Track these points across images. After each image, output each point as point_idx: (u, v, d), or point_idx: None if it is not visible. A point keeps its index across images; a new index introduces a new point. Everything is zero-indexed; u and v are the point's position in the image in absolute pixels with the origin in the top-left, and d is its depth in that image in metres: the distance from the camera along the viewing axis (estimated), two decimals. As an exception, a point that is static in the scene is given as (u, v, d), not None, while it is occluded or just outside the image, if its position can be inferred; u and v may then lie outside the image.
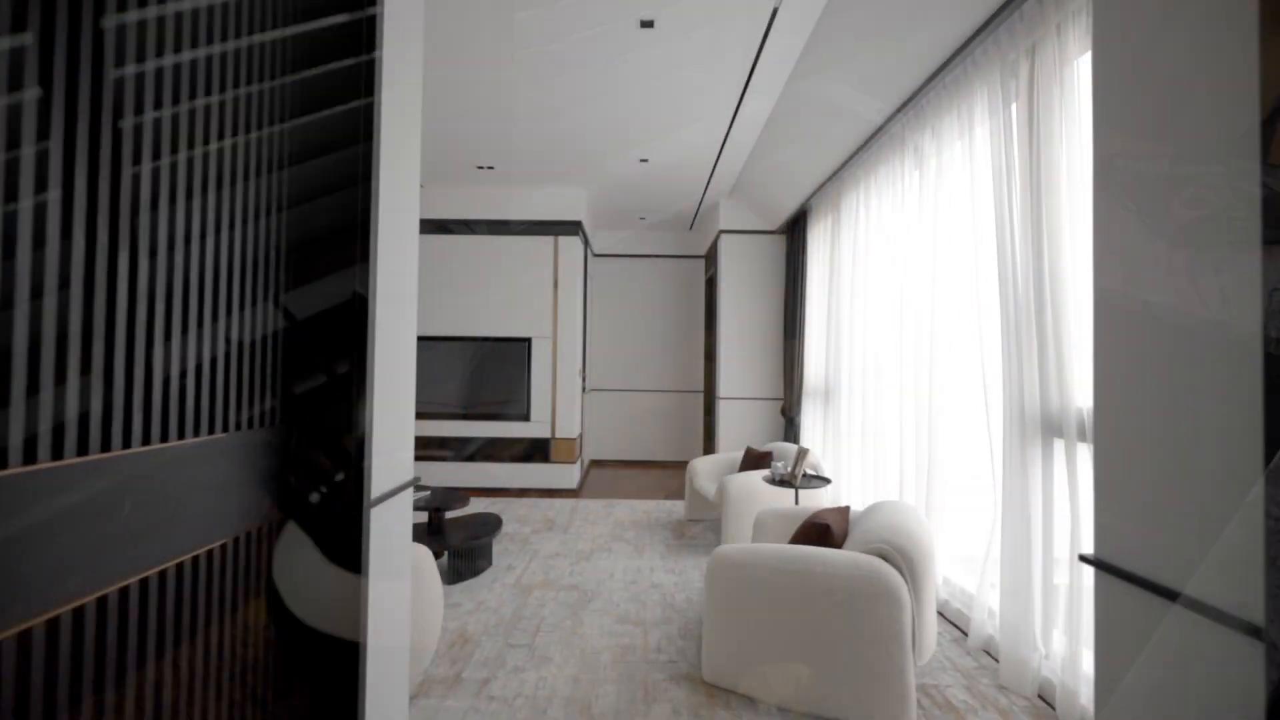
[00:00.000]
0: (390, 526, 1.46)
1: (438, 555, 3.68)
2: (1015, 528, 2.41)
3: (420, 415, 5.84)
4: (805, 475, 3.54)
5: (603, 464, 7.49)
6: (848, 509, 2.73)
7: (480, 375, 5.92)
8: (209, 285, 1.10)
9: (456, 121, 4.25)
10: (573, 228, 5.94)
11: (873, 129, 3.73)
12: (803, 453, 3.44)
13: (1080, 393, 2.13)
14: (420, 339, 5.89)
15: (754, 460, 4.38)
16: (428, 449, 5.90)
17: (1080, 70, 2.18)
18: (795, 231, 5.71)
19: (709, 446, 7.08)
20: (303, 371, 1.29)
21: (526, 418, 5.86)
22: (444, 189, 5.90)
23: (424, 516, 4.56)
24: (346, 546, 1.28)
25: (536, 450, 5.92)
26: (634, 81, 3.63)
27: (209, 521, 1.09)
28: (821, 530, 2.47)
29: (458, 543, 3.36)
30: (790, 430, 5.60)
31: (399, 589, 1.55)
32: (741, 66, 3.44)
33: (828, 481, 3.48)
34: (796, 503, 3.44)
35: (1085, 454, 2.09)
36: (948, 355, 3.07)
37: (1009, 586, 2.42)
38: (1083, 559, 1.20)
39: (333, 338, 1.30)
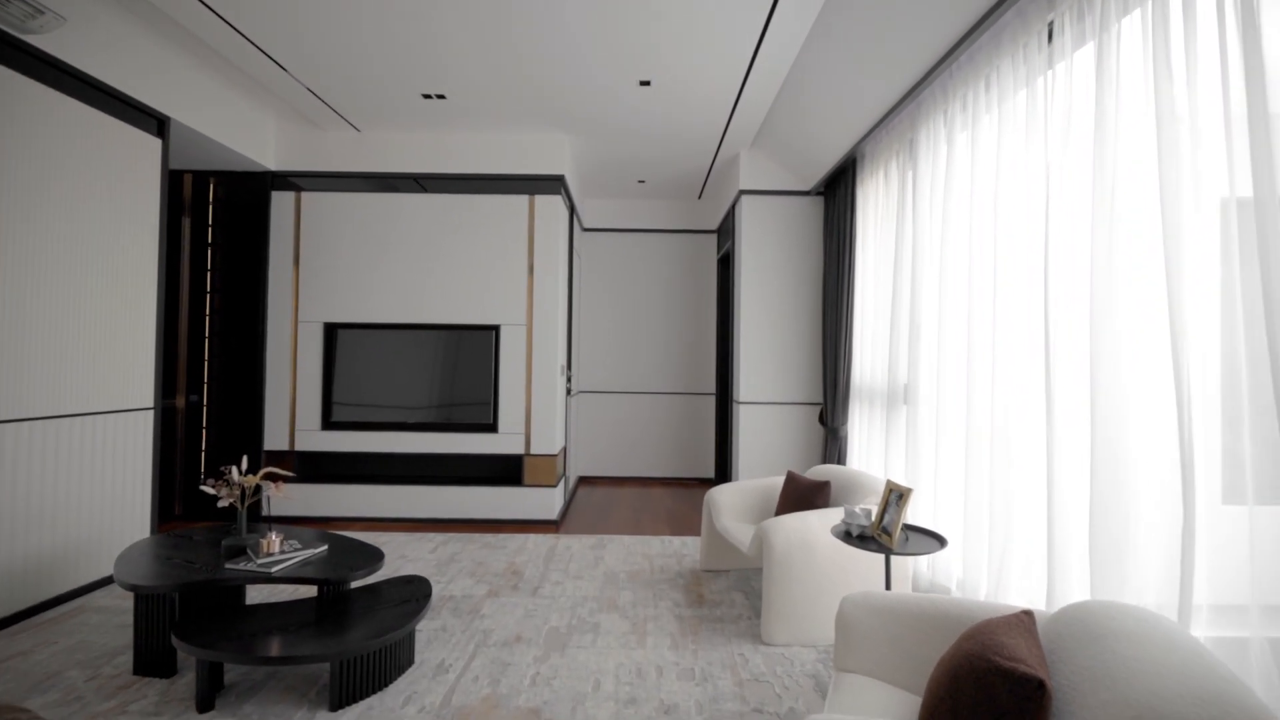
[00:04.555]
0: None
1: (318, 660, 2.37)
2: None
3: (346, 425, 4.53)
4: (905, 529, 2.27)
5: (593, 481, 6.21)
6: (1032, 619, 1.47)
7: (432, 374, 4.61)
8: None
9: (387, 28, 2.95)
10: (553, 184, 4.65)
11: (985, 8, 2.46)
12: (901, 496, 2.18)
13: None
14: (351, 327, 4.58)
15: (801, 494, 3.11)
16: (353, 468, 4.61)
17: None
18: (837, 189, 4.44)
19: (723, 461, 5.81)
20: None
21: (493, 428, 4.57)
22: (385, 135, 4.59)
23: (312, 590, 3.03)
24: None
25: (506, 471, 4.63)
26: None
27: None
28: (1025, 691, 1.20)
29: (354, 644, 2.08)
30: (834, 444, 4.34)
31: None
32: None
33: (943, 543, 2.20)
34: (889, 584, 2.17)
35: None
36: (1160, 338, 1.80)
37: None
38: None
39: None
